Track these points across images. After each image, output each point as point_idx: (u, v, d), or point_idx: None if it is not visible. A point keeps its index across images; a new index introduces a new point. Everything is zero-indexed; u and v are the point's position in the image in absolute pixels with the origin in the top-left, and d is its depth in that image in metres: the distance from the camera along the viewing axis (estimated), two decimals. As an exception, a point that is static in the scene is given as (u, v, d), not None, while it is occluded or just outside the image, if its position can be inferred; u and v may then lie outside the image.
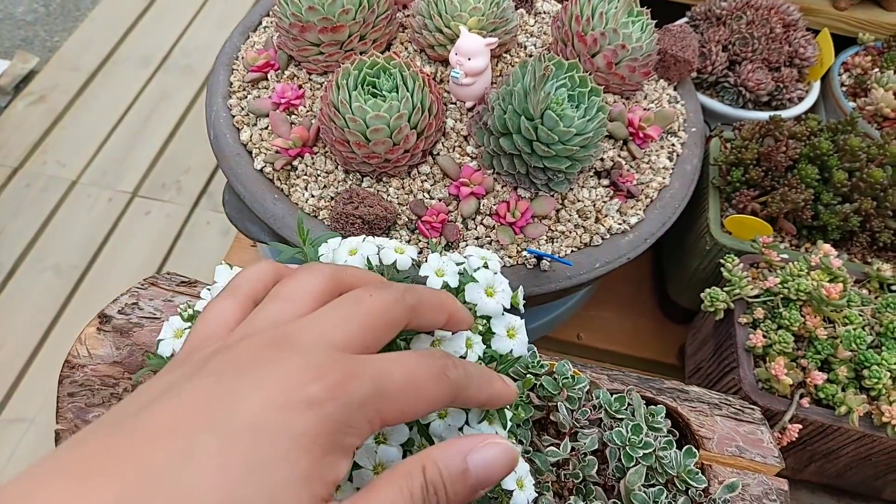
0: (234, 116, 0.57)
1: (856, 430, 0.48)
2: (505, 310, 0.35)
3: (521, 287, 0.42)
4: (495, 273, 0.37)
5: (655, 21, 0.57)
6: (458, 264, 0.37)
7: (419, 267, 0.36)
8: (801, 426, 0.48)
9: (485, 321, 0.34)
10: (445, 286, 0.36)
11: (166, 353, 0.36)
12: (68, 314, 1.64)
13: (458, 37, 0.52)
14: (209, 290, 0.38)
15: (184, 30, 2.23)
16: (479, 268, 0.35)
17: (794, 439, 0.48)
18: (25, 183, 1.86)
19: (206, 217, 1.77)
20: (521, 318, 0.36)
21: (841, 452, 0.52)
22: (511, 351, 0.33)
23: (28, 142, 1.95)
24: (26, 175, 1.88)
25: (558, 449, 0.40)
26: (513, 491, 0.35)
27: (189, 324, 0.37)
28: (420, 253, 0.50)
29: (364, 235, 0.39)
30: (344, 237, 0.37)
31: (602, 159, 0.54)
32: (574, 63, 0.50)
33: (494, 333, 0.34)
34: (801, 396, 0.48)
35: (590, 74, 0.54)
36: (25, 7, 2.36)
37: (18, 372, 1.57)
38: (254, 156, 0.54)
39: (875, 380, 0.47)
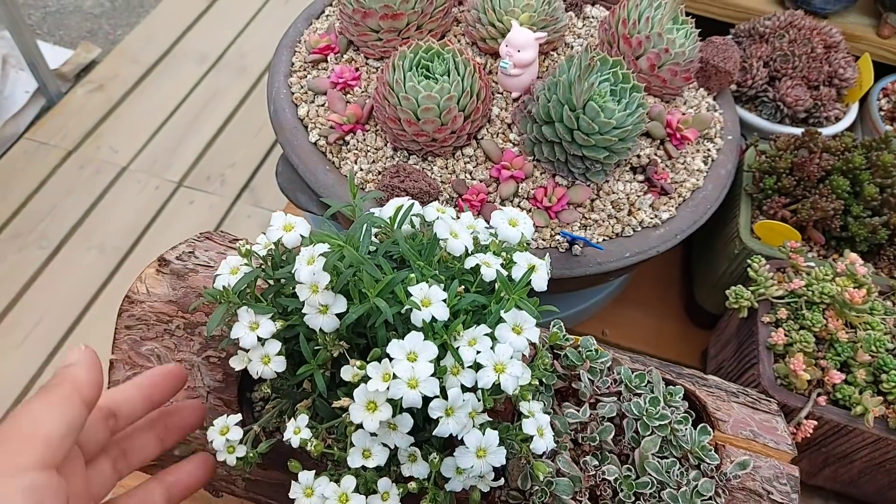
0: (293, 93, 0.60)
1: (870, 433, 0.49)
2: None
3: (547, 255, 0.44)
4: (523, 233, 0.40)
5: (699, 30, 0.60)
6: (468, 227, 0.40)
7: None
8: (816, 423, 0.49)
9: (507, 254, 0.37)
10: (465, 252, 0.39)
11: (220, 286, 0.40)
12: (108, 292, 1.70)
13: (509, 31, 0.55)
14: (265, 234, 0.42)
15: (240, 32, 2.31)
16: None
17: (808, 435, 0.49)
18: (79, 165, 1.95)
19: (247, 211, 1.83)
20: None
21: (855, 456, 0.52)
22: (530, 282, 0.36)
23: (85, 127, 2.04)
24: (80, 158, 1.96)
25: (578, 412, 0.42)
26: (532, 437, 0.37)
27: (245, 260, 0.41)
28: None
29: (411, 201, 0.42)
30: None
31: (639, 156, 0.57)
32: (618, 60, 0.53)
33: (515, 263, 0.37)
34: (819, 395, 0.50)
35: (634, 78, 0.57)
36: (93, 1, 2.48)
37: (56, 344, 1.63)
38: (309, 130, 0.58)
39: (893, 384, 0.48)
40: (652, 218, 0.55)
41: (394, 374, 0.34)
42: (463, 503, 0.41)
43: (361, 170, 0.56)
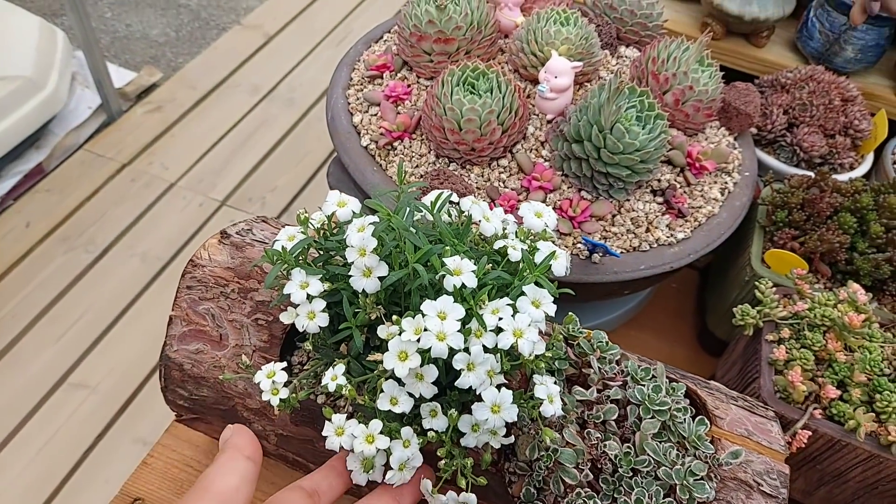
0: (349, 104, 0.67)
1: (863, 449, 0.52)
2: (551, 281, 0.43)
3: (567, 254, 0.49)
4: (546, 224, 0.45)
5: (724, 74, 0.66)
6: (503, 221, 0.45)
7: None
8: (810, 433, 0.52)
9: (532, 242, 0.43)
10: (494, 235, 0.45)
11: (279, 247, 0.45)
12: (146, 298, 1.78)
13: (548, 60, 0.61)
14: (321, 209, 0.47)
15: (292, 68, 2.45)
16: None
17: (802, 445, 0.52)
18: (131, 178, 2.06)
19: (285, 230, 1.89)
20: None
21: (849, 476, 0.55)
22: (551, 267, 0.41)
23: (140, 143, 2.16)
24: (133, 171, 2.08)
25: (586, 392, 0.46)
26: (543, 401, 0.41)
27: (302, 228, 0.46)
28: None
29: (449, 191, 0.48)
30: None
31: (659, 180, 0.62)
32: (645, 90, 0.58)
33: (538, 249, 0.42)
34: (815, 409, 0.53)
35: (660, 110, 0.63)
36: (159, 31, 2.64)
37: (91, 342, 1.70)
38: (361, 135, 0.64)
39: (885, 402, 0.52)
40: (668, 237, 0.60)
41: (425, 327, 0.39)
42: (475, 468, 0.45)
43: (406, 172, 0.61)
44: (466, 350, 0.39)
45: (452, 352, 0.39)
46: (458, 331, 0.39)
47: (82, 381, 1.61)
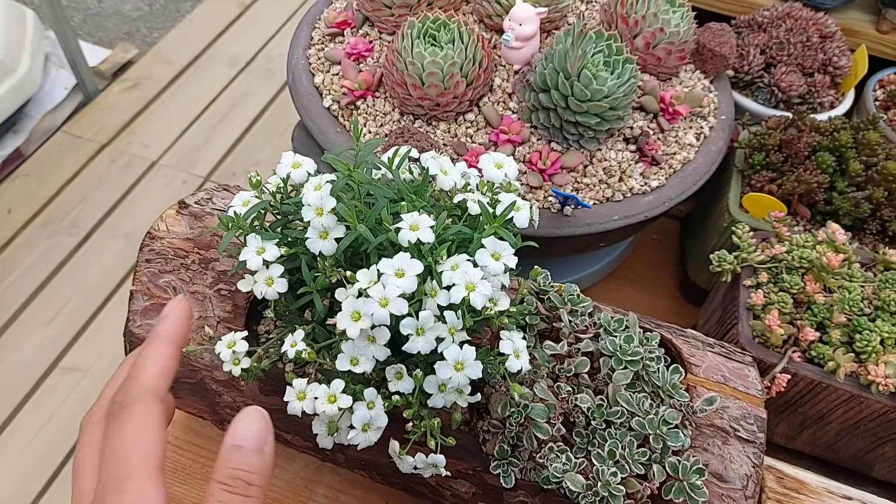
0: (310, 64, 0.65)
1: (843, 390, 0.51)
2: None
3: (534, 206, 0.48)
4: (506, 174, 0.43)
5: (700, 17, 0.63)
6: (463, 175, 0.44)
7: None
8: (789, 377, 0.51)
9: (493, 194, 0.41)
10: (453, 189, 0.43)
11: (235, 213, 0.44)
12: (132, 280, 1.76)
13: (513, 7, 0.59)
14: (275, 172, 0.46)
15: (270, 37, 2.39)
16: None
17: (782, 389, 0.51)
18: (111, 158, 2.02)
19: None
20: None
21: (831, 417, 0.54)
22: (512, 219, 0.40)
23: (118, 123, 2.12)
24: (112, 152, 2.04)
25: (556, 346, 0.45)
26: (508, 356, 0.40)
27: (255, 192, 0.45)
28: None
29: (409, 147, 0.46)
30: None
31: (631, 127, 0.60)
32: (613, 34, 0.56)
33: (500, 201, 0.40)
34: (794, 352, 0.52)
35: (630, 54, 0.61)
36: (132, 5, 2.58)
37: (81, 326, 1.69)
38: (323, 96, 0.62)
39: (865, 342, 0.51)
40: (642, 185, 0.58)
41: (366, 292, 0.38)
42: (447, 429, 0.44)
43: (370, 132, 0.59)
44: (415, 314, 0.38)
45: (399, 319, 0.38)
46: (403, 296, 0.38)
47: (74, 364, 1.61)
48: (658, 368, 0.45)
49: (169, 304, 0.35)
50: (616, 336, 0.46)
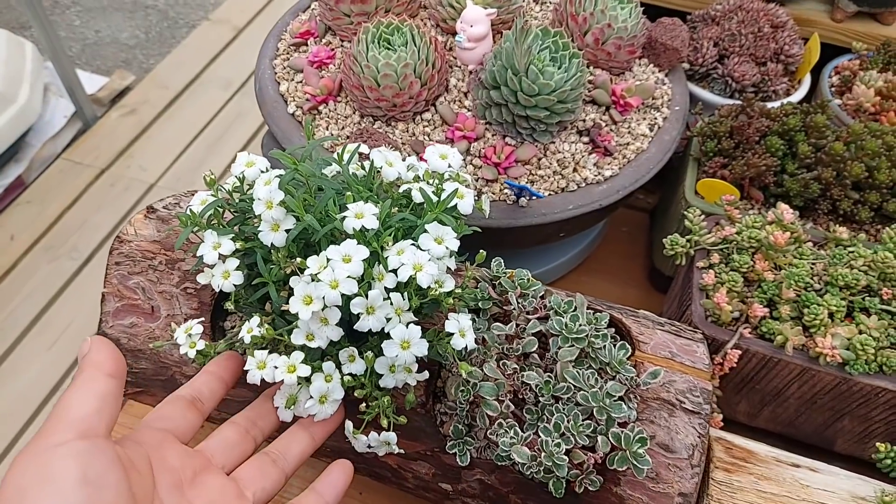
0: (276, 73, 0.67)
1: (795, 364, 0.52)
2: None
3: (485, 197, 0.50)
4: (450, 165, 0.45)
5: (659, 14, 0.65)
6: (409, 167, 0.46)
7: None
8: (740, 353, 0.53)
9: (438, 181, 0.43)
10: (398, 177, 0.45)
11: (191, 211, 0.46)
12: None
13: (465, 10, 0.61)
14: (233, 174, 0.48)
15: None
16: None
17: (734, 365, 0.53)
18: (110, 183, 2.06)
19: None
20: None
21: (787, 393, 0.56)
22: (456, 205, 0.42)
23: (116, 147, 2.16)
24: (111, 176, 2.08)
25: (505, 327, 0.47)
26: (453, 335, 0.42)
27: (211, 190, 0.47)
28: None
29: (359, 143, 0.48)
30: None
31: (584, 120, 0.62)
32: (559, 31, 0.58)
33: (444, 189, 0.42)
34: (746, 328, 0.53)
35: (581, 50, 0.63)
36: (129, 34, 2.64)
37: (83, 347, 1.71)
38: (288, 103, 0.65)
39: (813, 316, 0.52)
40: (595, 175, 0.60)
41: (318, 276, 0.40)
42: (403, 411, 0.46)
43: (332, 134, 0.62)
44: (363, 294, 0.40)
45: (352, 297, 0.40)
46: (352, 278, 0.40)
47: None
48: (604, 346, 0.47)
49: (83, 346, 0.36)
50: (564, 316, 0.48)
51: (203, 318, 0.45)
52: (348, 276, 0.39)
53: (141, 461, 0.34)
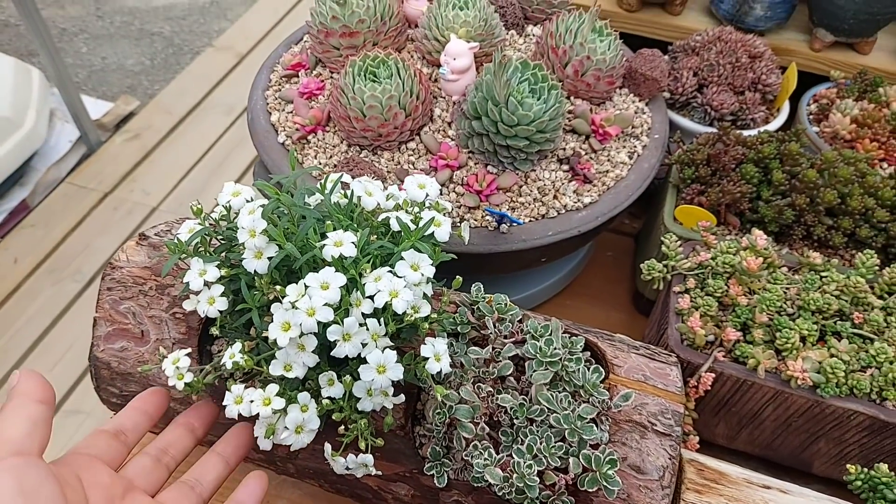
0: (268, 104, 0.70)
1: (768, 387, 0.54)
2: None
3: (466, 223, 0.51)
4: (428, 194, 0.47)
5: (642, 44, 0.68)
6: (387, 195, 0.48)
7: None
8: (714, 376, 0.54)
9: (417, 209, 0.45)
10: (378, 206, 0.47)
11: (178, 239, 0.48)
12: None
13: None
14: (220, 203, 0.50)
15: (267, 85, 2.48)
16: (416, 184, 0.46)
17: (708, 388, 0.54)
18: (114, 206, 2.10)
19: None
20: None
21: (763, 415, 0.57)
22: (433, 233, 0.44)
23: (120, 172, 2.20)
24: (115, 200, 2.12)
25: (481, 351, 0.48)
26: (428, 359, 0.43)
27: (199, 219, 0.49)
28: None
29: (342, 173, 0.50)
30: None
31: (564, 148, 0.64)
32: (538, 63, 0.61)
33: (421, 217, 0.44)
34: (720, 352, 0.55)
35: (561, 82, 0.65)
36: (134, 60, 2.69)
37: (83, 370, 1.73)
38: (278, 132, 0.67)
39: (784, 339, 0.53)
40: (575, 202, 0.62)
41: (294, 304, 0.41)
42: (381, 433, 0.47)
43: (320, 163, 0.64)
44: (340, 322, 0.42)
45: (329, 324, 0.41)
46: (329, 305, 0.41)
47: (77, 407, 1.64)
48: (578, 369, 0.48)
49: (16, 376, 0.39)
50: (539, 340, 0.49)
51: (190, 349, 0.47)
52: (325, 304, 0.41)
53: (73, 478, 0.36)
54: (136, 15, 2.86)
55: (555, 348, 0.48)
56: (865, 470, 0.50)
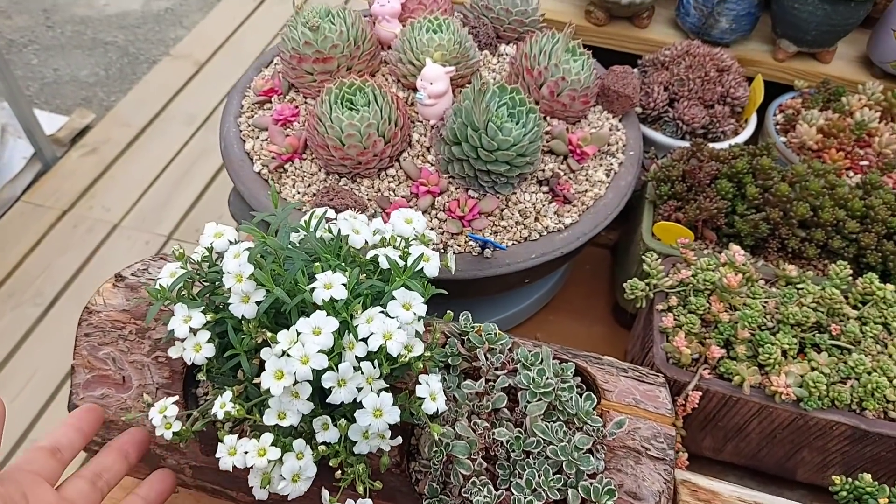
0: (241, 131, 0.68)
1: (753, 402, 0.55)
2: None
3: (452, 252, 0.51)
4: (415, 229, 0.47)
5: (612, 58, 0.68)
6: (374, 231, 0.47)
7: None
8: (700, 394, 0.55)
9: (405, 243, 0.45)
10: (365, 246, 0.47)
11: (161, 284, 0.46)
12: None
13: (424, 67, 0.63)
14: (202, 245, 0.49)
15: (227, 93, 2.44)
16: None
17: (695, 406, 0.55)
18: (73, 224, 2.04)
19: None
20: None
21: (748, 429, 0.58)
22: (422, 269, 0.43)
23: (78, 188, 2.14)
24: (74, 217, 2.06)
25: (474, 384, 0.48)
26: (424, 399, 0.43)
27: (180, 262, 0.47)
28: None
29: (325, 208, 0.50)
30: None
31: (543, 170, 0.64)
32: (516, 87, 0.61)
33: (410, 253, 0.44)
34: (705, 369, 0.56)
35: (537, 103, 0.65)
36: (88, 71, 2.61)
37: (48, 397, 1.68)
38: (254, 161, 0.66)
39: (767, 355, 0.55)
40: (556, 223, 0.62)
41: (288, 352, 0.41)
42: (377, 473, 0.47)
43: (298, 192, 0.63)
44: (335, 367, 0.41)
45: (323, 371, 0.41)
46: (332, 348, 0.41)
47: (42, 436, 1.60)
48: (571, 397, 0.48)
49: None
50: (531, 370, 0.50)
51: (177, 396, 0.46)
52: (319, 351, 0.40)
53: (18, 495, 0.38)
54: (87, 24, 2.78)
55: (548, 378, 0.48)
56: (850, 480, 0.52)
